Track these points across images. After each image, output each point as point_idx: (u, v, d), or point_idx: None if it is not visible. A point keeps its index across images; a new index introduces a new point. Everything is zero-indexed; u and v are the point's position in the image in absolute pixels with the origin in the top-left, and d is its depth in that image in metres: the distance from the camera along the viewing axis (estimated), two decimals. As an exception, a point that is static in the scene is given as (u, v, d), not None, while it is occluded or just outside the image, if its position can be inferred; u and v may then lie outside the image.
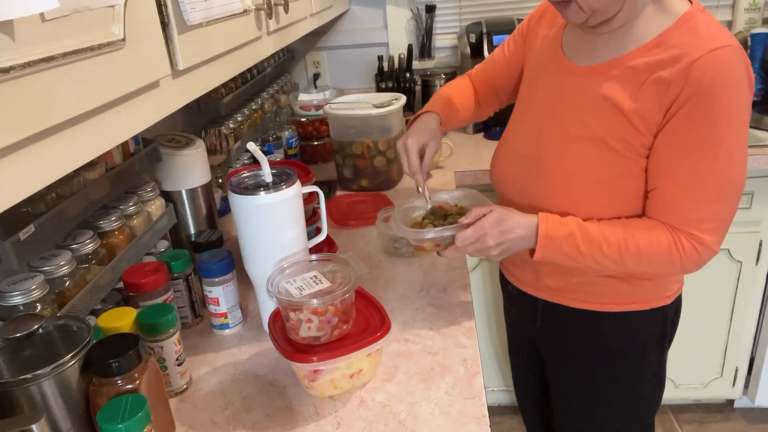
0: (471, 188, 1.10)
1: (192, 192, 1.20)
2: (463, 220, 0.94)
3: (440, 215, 1.04)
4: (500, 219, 0.92)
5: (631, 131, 0.87)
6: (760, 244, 1.72)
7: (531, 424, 1.44)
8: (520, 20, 1.90)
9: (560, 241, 0.91)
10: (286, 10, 1.05)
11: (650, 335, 1.05)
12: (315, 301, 0.79)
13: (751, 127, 1.79)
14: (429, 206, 1.08)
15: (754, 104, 1.90)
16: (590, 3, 0.84)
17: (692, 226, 0.87)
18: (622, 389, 1.09)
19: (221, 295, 1.00)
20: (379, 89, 2.10)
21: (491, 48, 1.88)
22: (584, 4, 0.84)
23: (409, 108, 2.10)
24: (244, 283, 1.07)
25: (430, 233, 0.94)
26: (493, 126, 1.97)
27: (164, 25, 0.64)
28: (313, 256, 0.91)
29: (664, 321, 1.05)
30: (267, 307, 0.98)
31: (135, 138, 1.06)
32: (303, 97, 1.93)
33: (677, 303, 1.07)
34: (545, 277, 1.05)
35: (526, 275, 1.09)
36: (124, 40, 0.53)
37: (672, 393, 1.96)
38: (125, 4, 0.54)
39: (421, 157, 1.07)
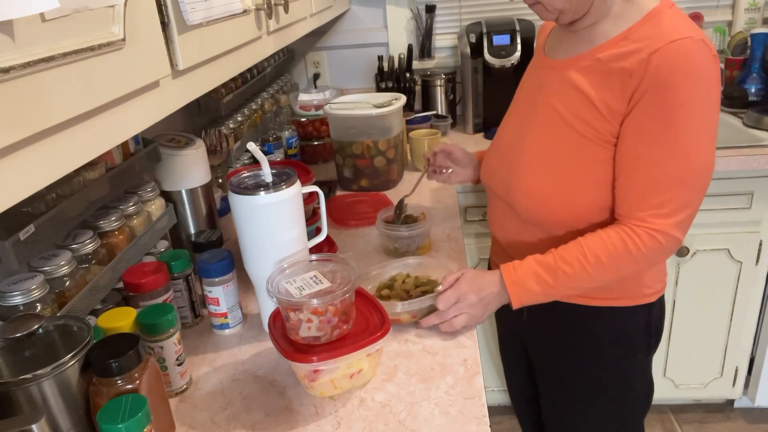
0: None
1: (192, 192, 1.20)
2: (439, 289, 1.00)
3: (395, 287, 1.07)
4: (474, 277, 0.98)
5: (597, 117, 0.90)
6: (760, 244, 1.72)
7: (524, 421, 1.45)
8: (520, 20, 1.91)
9: (528, 283, 0.95)
10: (286, 10, 1.05)
11: (634, 332, 1.06)
12: (315, 301, 0.79)
13: (751, 126, 1.79)
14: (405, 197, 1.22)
15: (754, 104, 1.91)
16: (554, 4, 0.91)
17: (646, 212, 0.89)
18: (606, 386, 1.10)
19: (221, 295, 1.00)
20: (379, 89, 2.10)
21: (491, 48, 1.89)
22: (549, 5, 0.91)
23: (409, 108, 2.10)
24: (244, 283, 1.07)
25: (405, 306, 0.97)
26: (492, 126, 1.97)
27: (164, 25, 0.64)
28: (313, 256, 0.91)
29: (648, 319, 1.06)
30: (267, 307, 0.98)
31: (135, 138, 1.06)
32: (303, 97, 1.93)
33: (661, 303, 1.08)
34: None
35: None
36: (124, 40, 0.53)
37: (672, 393, 1.96)
38: (125, 4, 0.54)
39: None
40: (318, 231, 1.10)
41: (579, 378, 1.11)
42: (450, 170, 1.27)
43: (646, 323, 1.06)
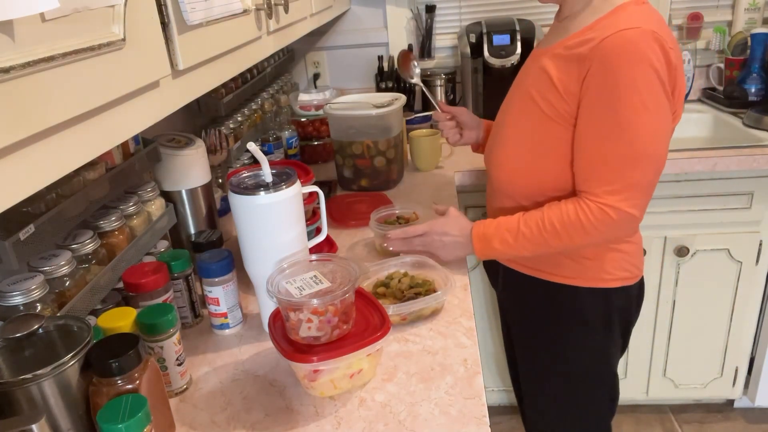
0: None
1: (192, 192, 1.20)
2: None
3: (392, 286, 1.09)
4: (446, 222, 1.13)
5: (558, 98, 0.99)
6: (760, 244, 1.72)
7: (518, 397, 1.51)
8: (520, 20, 1.91)
9: (492, 240, 1.06)
10: (286, 10, 1.05)
11: (591, 314, 1.11)
12: (315, 301, 0.79)
13: (751, 126, 1.79)
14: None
15: (754, 104, 1.91)
16: None
17: (599, 189, 0.97)
18: (564, 365, 1.17)
19: (221, 295, 1.00)
20: (379, 89, 2.10)
21: (491, 48, 1.88)
22: None
23: (409, 108, 2.10)
24: (244, 283, 1.07)
25: (395, 309, 0.98)
26: (493, 126, 1.97)
27: (164, 25, 0.63)
28: (313, 256, 0.91)
29: (607, 304, 1.11)
30: (267, 307, 0.98)
31: (135, 138, 1.06)
32: (303, 97, 1.93)
33: (626, 293, 1.12)
34: None
35: None
36: (124, 40, 0.53)
37: (672, 393, 1.96)
38: (125, 4, 0.54)
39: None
40: (318, 231, 1.10)
41: (543, 351, 1.19)
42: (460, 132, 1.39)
43: (604, 308, 1.11)
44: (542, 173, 1.05)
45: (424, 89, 1.42)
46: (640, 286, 1.15)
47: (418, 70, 1.40)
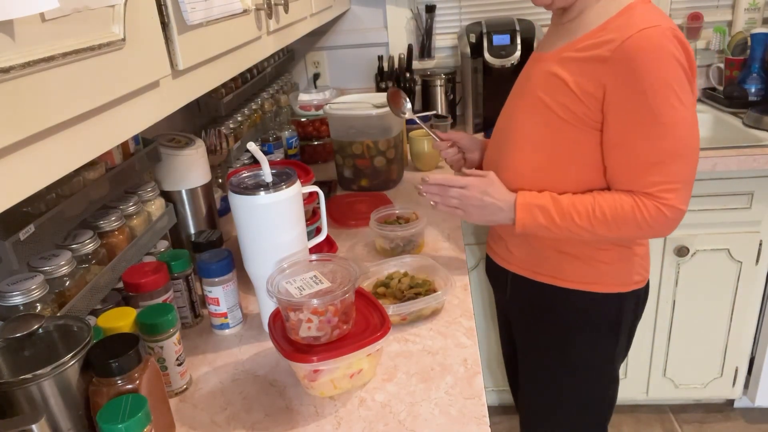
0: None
1: (192, 192, 1.20)
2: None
3: (392, 286, 1.09)
4: (489, 183, 1.06)
5: (575, 101, 0.97)
6: (760, 244, 1.72)
7: (515, 397, 1.51)
8: (520, 20, 1.91)
9: (537, 213, 1.01)
10: (286, 10, 1.05)
11: (604, 318, 1.11)
12: (315, 301, 0.79)
13: (751, 126, 1.79)
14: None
15: (754, 104, 1.91)
16: None
17: (651, 189, 0.95)
18: (573, 367, 1.16)
19: (221, 295, 1.00)
20: (379, 89, 2.10)
21: (491, 48, 1.88)
22: None
23: (409, 108, 2.10)
24: (244, 283, 1.07)
25: (395, 309, 0.98)
26: (492, 125, 1.97)
27: (164, 25, 0.63)
28: (313, 256, 0.92)
29: (620, 309, 1.11)
30: (267, 307, 0.98)
31: (135, 138, 1.06)
32: (303, 97, 1.93)
33: (636, 297, 1.12)
34: (514, 249, 1.15)
35: (500, 248, 1.19)
36: (124, 40, 0.53)
37: (672, 393, 1.96)
38: (125, 4, 0.54)
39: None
40: (318, 231, 1.10)
41: (551, 356, 1.17)
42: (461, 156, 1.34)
43: (616, 312, 1.11)
44: (562, 176, 1.03)
45: (419, 122, 1.39)
46: (646, 286, 1.15)
47: (409, 105, 1.40)
